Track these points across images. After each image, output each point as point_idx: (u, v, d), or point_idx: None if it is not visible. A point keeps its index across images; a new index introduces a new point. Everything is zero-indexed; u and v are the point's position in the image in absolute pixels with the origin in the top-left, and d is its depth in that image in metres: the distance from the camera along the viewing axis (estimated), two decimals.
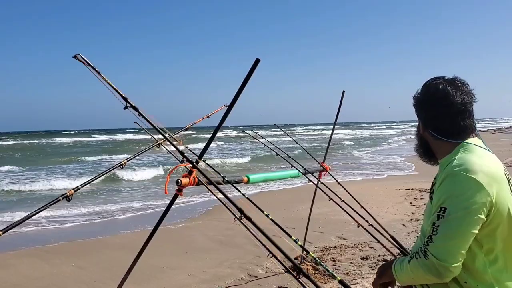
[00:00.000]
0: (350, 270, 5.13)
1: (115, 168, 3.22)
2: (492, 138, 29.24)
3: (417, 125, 1.88)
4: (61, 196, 2.54)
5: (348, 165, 17.65)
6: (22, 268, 5.70)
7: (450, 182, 1.59)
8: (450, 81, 1.73)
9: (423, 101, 1.78)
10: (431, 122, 1.76)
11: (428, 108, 1.75)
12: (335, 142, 30.72)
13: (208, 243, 6.67)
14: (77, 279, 5.27)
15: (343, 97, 4.86)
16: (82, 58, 2.51)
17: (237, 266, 5.50)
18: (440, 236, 1.56)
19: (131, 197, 11.23)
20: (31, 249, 6.53)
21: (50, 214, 8.61)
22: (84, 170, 18.54)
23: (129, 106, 2.61)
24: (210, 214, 8.70)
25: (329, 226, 7.31)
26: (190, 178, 2.62)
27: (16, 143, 42.97)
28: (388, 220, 7.35)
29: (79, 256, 6.12)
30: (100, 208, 9.64)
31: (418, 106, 1.81)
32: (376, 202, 9.01)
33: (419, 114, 1.82)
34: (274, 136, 32.91)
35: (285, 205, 9.30)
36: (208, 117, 4.21)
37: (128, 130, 64.80)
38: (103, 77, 2.53)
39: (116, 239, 7.04)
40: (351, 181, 12.64)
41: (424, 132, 1.82)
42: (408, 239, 6.31)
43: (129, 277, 3.06)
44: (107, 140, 50.88)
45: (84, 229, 7.86)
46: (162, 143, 3.39)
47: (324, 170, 4.85)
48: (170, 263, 5.71)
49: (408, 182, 11.92)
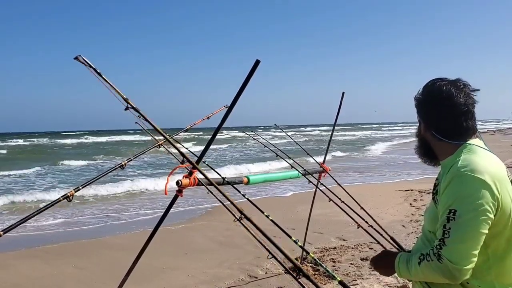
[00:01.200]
0: (350, 271, 5.14)
1: (115, 169, 3.22)
2: (492, 139, 29.24)
3: (418, 126, 1.88)
4: (62, 196, 2.55)
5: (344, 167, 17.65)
6: (22, 268, 5.71)
7: (457, 183, 1.59)
8: (453, 83, 1.73)
9: (426, 102, 1.77)
10: (433, 123, 1.75)
11: (431, 108, 1.75)
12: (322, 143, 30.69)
13: (208, 244, 6.68)
14: (77, 279, 5.28)
15: (343, 98, 4.87)
16: (83, 60, 2.52)
17: (237, 267, 5.51)
18: (453, 239, 1.56)
19: (131, 196, 11.22)
20: (32, 250, 6.53)
21: (51, 214, 8.61)
22: (83, 173, 18.53)
23: (130, 107, 2.62)
24: (210, 215, 8.71)
25: (329, 227, 7.31)
26: (190, 178, 2.63)
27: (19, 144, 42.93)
28: (388, 221, 7.36)
29: (79, 257, 6.12)
30: (100, 208, 9.65)
31: (420, 107, 1.80)
32: (376, 203, 9.01)
33: (421, 115, 1.82)
34: (274, 137, 32.90)
35: (285, 205, 9.31)
36: (208, 118, 4.21)
37: (129, 131, 64.75)
38: (104, 78, 2.54)
39: (116, 240, 7.05)
40: (350, 181, 12.64)
41: (425, 132, 1.81)
42: (408, 240, 6.32)
43: (129, 278, 3.07)
44: (106, 141, 50.82)
45: (85, 230, 7.86)
46: (162, 144, 3.40)
47: (324, 171, 4.86)
48: (170, 263, 5.72)
49: (408, 183, 11.93)
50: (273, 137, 34.54)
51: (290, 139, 5.88)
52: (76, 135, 66.42)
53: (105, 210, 9.52)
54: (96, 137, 56.02)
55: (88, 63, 2.54)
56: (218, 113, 4.12)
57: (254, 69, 2.24)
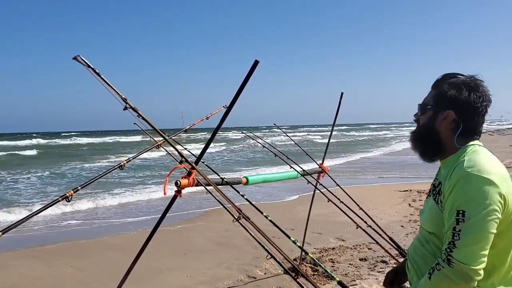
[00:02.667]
0: (348, 271, 5.14)
1: (114, 169, 3.22)
2: (491, 140, 29.28)
3: (430, 116, 1.77)
4: (61, 197, 2.55)
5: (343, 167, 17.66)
6: (21, 268, 5.70)
7: (465, 184, 1.57)
8: (479, 82, 1.72)
9: (454, 97, 1.70)
10: (461, 118, 1.69)
11: (464, 105, 1.69)
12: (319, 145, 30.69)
13: (207, 244, 6.68)
14: (76, 280, 5.28)
15: (341, 99, 4.87)
16: (82, 60, 2.52)
17: (236, 267, 5.50)
18: (464, 241, 1.54)
19: (130, 197, 11.21)
20: (31, 250, 6.52)
21: (50, 214, 8.61)
22: (83, 173, 18.53)
23: (129, 107, 2.62)
24: (209, 215, 8.70)
25: (327, 227, 7.31)
26: (189, 179, 2.63)
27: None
28: (386, 222, 7.36)
29: (78, 257, 6.12)
30: (99, 209, 9.64)
31: (448, 100, 1.71)
32: (375, 204, 9.02)
33: (443, 106, 1.73)
34: (273, 137, 32.88)
35: (284, 206, 9.31)
36: (207, 119, 4.20)
37: (127, 131, 64.70)
38: (103, 78, 2.54)
39: (115, 240, 7.04)
40: (349, 182, 12.64)
41: (440, 125, 1.74)
42: (406, 240, 6.32)
43: (128, 278, 3.07)
44: (105, 141, 50.79)
45: (84, 230, 7.86)
46: (161, 144, 3.40)
47: (322, 172, 4.86)
48: (169, 264, 5.71)
49: (407, 184, 11.94)
50: (272, 137, 34.55)
51: (289, 139, 5.89)
52: (73, 136, 66.32)
53: (104, 211, 9.51)
54: (95, 138, 55.97)
55: (87, 63, 2.54)
56: (217, 113, 4.12)
57: (253, 69, 2.24)
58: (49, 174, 17.30)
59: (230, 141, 39.88)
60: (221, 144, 35.75)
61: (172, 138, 3.26)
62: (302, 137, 49.19)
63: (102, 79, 2.54)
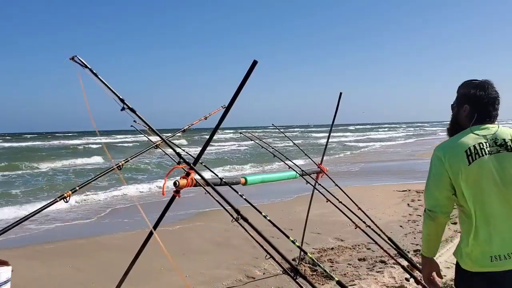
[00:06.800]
0: (347, 271, 5.14)
1: (113, 170, 3.21)
2: None
3: (455, 112, 2.31)
4: (59, 197, 2.54)
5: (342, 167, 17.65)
6: (19, 269, 5.68)
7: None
8: (485, 82, 2.25)
9: (467, 95, 2.24)
10: (474, 110, 2.21)
11: (472, 100, 2.21)
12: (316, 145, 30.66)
13: (206, 245, 6.67)
14: (74, 280, 5.27)
15: (340, 99, 4.87)
16: (79, 60, 2.51)
17: (235, 268, 5.50)
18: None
19: (129, 197, 11.20)
20: (29, 250, 6.51)
21: (48, 215, 8.59)
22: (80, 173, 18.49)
23: (126, 107, 2.62)
24: (207, 215, 8.69)
25: (326, 227, 7.31)
26: (187, 179, 2.63)
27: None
28: (385, 222, 7.36)
29: (77, 257, 6.11)
30: (97, 209, 9.62)
31: (463, 98, 2.26)
32: (373, 204, 9.02)
33: (462, 103, 2.25)
34: (273, 137, 32.88)
35: (283, 206, 9.30)
36: (205, 119, 4.19)
37: (125, 131, 64.59)
38: (100, 79, 2.53)
39: (113, 241, 7.03)
40: (347, 182, 12.64)
41: (461, 117, 2.26)
42: (405, 240, 6.33)
43: (127, 279, 3.06)
44: (101, 141, 50.62)
45: (82, 230, 7.85)
46: (159, 145, 3.39)
47: (321, 172, 4.86)
48: (168, 264, 5.70)
49: (405, 184, 11.94)
50: (272, 137, 34.55)
51: (288, 139, 5.88)
52: (71, 137, 66.16)
53: (103, 211, 9.50)
54: (92, 139, 55.78)
55: (84, 64, 2.54)
56: (215, 113, 4.12)
57: (251, 70, 2.24)
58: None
59: (228, 141, 39.86)
60: (219, 144, 35.74)
61: (169, 139, 3.25)
62: (299, 134, 49.21)
63: (100, 80, 2.54)
